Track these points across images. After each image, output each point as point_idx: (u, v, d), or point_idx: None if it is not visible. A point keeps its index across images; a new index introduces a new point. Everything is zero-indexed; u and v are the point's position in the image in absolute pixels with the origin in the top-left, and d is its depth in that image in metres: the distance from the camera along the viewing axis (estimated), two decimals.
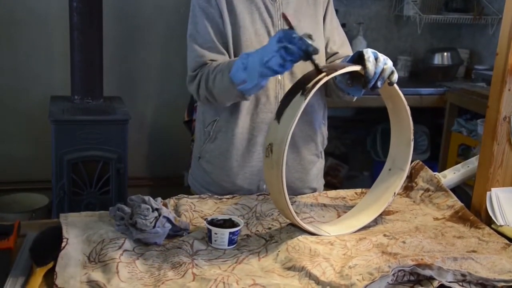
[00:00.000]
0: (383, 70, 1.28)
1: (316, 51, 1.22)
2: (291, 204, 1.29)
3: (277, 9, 1.56)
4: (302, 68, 1.56)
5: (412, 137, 1.43)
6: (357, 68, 1.27)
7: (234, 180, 1.61)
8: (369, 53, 1.27)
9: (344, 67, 1.27)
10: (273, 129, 1.25)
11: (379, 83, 1.28)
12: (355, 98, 1.55)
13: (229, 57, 1.54)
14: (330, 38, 1.65)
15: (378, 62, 1.27)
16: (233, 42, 1.53)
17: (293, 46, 1.22)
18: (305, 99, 1.21)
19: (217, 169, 1.62)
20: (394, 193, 1.45)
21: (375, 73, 1.27)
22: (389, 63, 1.30)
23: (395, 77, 1.31)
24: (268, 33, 1.55)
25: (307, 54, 1.22)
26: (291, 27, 1.25)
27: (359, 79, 1.33)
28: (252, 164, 1.60)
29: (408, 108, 1.39)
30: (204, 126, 1.64)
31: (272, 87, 1.55)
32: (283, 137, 1.21)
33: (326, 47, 1.64)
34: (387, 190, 1.46)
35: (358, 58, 1.29)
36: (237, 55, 1.52)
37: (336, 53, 1.65)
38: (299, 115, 1.21)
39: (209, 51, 1.52)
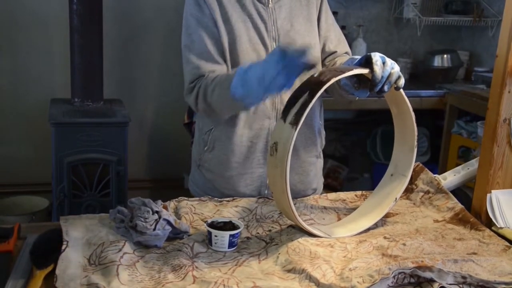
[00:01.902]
0: (390, 74, 1.28)
1: (314, 66, 1.24)
2: None
3: (270, 14, 1.55)
4: None
5: (415, 143, 1.42)
6: (365, 71, 1.28)
7: (235, 187, 1.61)
8: (377, 57, 1.28)
9: (351, 69, 1.28)
10: (279, 128, 1.25)
11: (385, 87, 1.29)
12: (357, 98, 1.55)
13: (226, 66, 1.53)
14: (327, 37, 1.65)
15: (386, 66, 1.28)
16: (230, 51, 1.52)
17: (293, 64, 1.20)
18: (312, 99, 1.21)
19: (218, 177, 1.62)
20: (396, 198, 1.45)
21: (382, 77, 1.27)
22: (396, 68, 1.30)
23: (402, 82, 1.31)
24: (262, 40, 1.54)
25: (308, 68, 1.22)
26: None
27: (365, 82, 1.33)
28: (253, 170, 1.60)
29: (413, 114, 1.39)
30: (202, 133, 1.64)
31: None
32: (288, 136, 1.21)
33: (324, 47, 1.65)
34: (388, 195, 1.46)
35: (366, 62, 1.30)
36: (234, 64, 1.52)
37: (334, 52, 1.65)
38: (305, 114, 1.21)
39: (206, 61, 1.51)
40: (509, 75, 1.38)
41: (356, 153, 3.94)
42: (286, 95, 1.54)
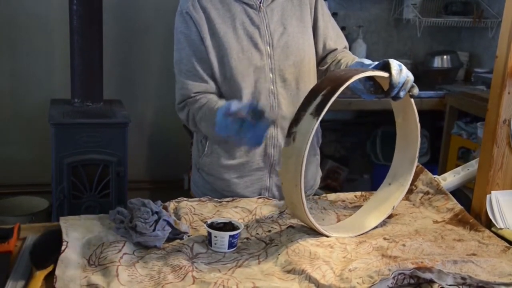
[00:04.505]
0: (405, 82, 1.30)
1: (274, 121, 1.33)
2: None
3: (263, 19, 1.55)
4: (294, 73, 1.56)
5: (417, 154, 1.42)
6: (385, 74, 1.29)
7: (235, 189, 1.61)
8: (394, 63, 1.30)
9: (371, 71, 1.30)
10: (298, 119, 1.23)
11: (401, 93, 1.30)
12: (363, 98, 1.55)
13: (216, 83, 1.54)
14: (327, 35, 1.65)
15: (401, 73, 1.30)
16: (220, 65, 1.53)
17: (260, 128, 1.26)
18: (336, 92, 1.21)
19: (218, 181, 1.63)
20: (393, 206, 1.45)
21: (399, 82, 1.29)
22: (411, 76, 1.32)
23: (416, 90, 1.34)
24: (256, 46, 1.54)
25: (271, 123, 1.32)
26: None
27: (378, 88, 1.35)
28: (252, 173, 1.60)
29: (418, 125, 1.39)
30: (199, 138, 1.64)
31: (265, 96, 1.55)
32: (309, 126, 1.20)
33: (324, 45, 1.65)
34: (387, 200, 1.46)
35: (383, 67, 1.31)
36: (226, 77, 1.53)
37: (335, 49, 1.66)
38: (328, 106, 1.20)
39: (192, 81, 1.53)
40: (509, 76, 1.39)
41: (356, 154, 3.94)
42: (285, 99, 1.55)
